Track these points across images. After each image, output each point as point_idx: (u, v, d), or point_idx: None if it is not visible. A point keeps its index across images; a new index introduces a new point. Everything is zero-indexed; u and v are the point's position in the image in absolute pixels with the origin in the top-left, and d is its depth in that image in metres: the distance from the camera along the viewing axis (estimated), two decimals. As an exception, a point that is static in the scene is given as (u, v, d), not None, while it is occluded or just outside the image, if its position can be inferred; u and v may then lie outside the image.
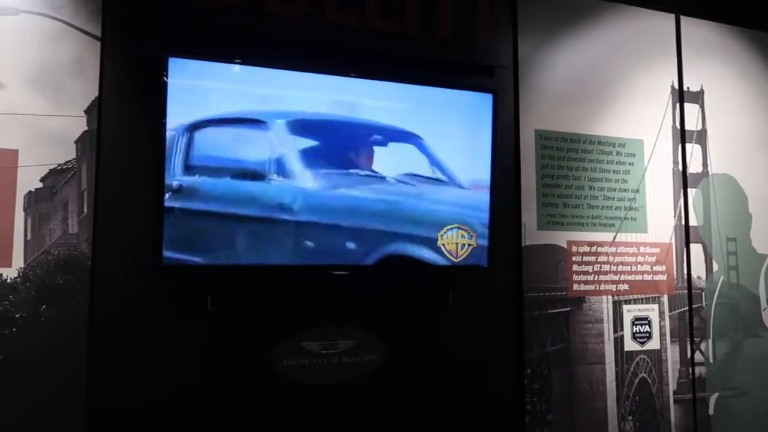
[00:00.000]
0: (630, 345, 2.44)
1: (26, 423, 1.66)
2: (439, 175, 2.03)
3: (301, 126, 1.87)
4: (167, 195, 1.74)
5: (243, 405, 1.90)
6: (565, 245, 2.37)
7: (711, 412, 2.56)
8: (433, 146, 2.02)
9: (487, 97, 2.13)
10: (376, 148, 1.96)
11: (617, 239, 2.46)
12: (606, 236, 2.44)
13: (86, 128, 1.79)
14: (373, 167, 1.95)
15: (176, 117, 1.74)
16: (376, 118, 1.96)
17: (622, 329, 2.44)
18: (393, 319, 2.09)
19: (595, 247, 2.42)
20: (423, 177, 2.01)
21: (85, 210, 1.78)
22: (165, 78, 1.74)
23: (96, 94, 1.80)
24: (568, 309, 2.36)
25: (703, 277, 2.62)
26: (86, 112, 1.79)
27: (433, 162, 2.03)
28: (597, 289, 2.41)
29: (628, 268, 2.46)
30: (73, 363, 1.72)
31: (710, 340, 2.60)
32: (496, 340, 2.24)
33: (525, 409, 2.25)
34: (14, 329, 1.68)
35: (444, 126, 2.06)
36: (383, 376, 2.06)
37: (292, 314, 1.97)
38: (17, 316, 1.69)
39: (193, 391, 1.85)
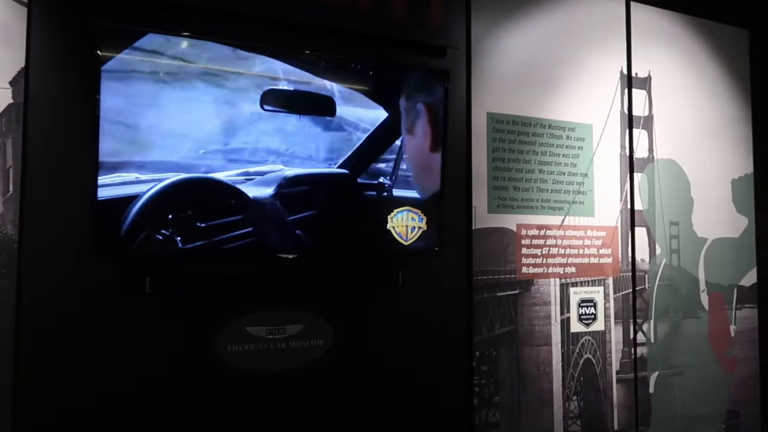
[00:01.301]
0: (576, 326, 2.49)
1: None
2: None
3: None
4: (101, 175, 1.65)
5: (186, 393, 1.84)
6: (514, 228, 2.38)
7: (651, 390, 2.65)
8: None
9: (438, 77, 2.10)
10: (328, 132, 1.90)
11: (565, 223, 2.49)
12: (555, 220, 2.47)
13: (12, 101, 1.67)
14: (324, 151, 1.90)
15: (111, 93, 1.65)
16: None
17: (568, 311, 2.48)
18: (342, 302, 2.06)
19: (544, 230, 2.44)
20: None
21: (11, 189, 1.67)
22: (98, 51, 1.63)
23: (23, 64, 1.68)
24: (517, 292, 2.38)
25: (647, 259, 2.69)
26: (12, 83, 1.67)
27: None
28: (545, 272, 2.43)
29: (575, 251, 2.50)
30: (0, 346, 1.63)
31: (652, 321, 2.68)
32: (446, 323, 2.24)
33: (473, 390, 2.27)
34: (-68, 316, 1.57)
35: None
36: (332, 360, 2.03)
37: (237, 297, 1.91)
38: (-65, 301, 1.58)
39: (131, 379, 1.77)
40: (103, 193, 1.65)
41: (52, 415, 1.68)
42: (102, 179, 1.65)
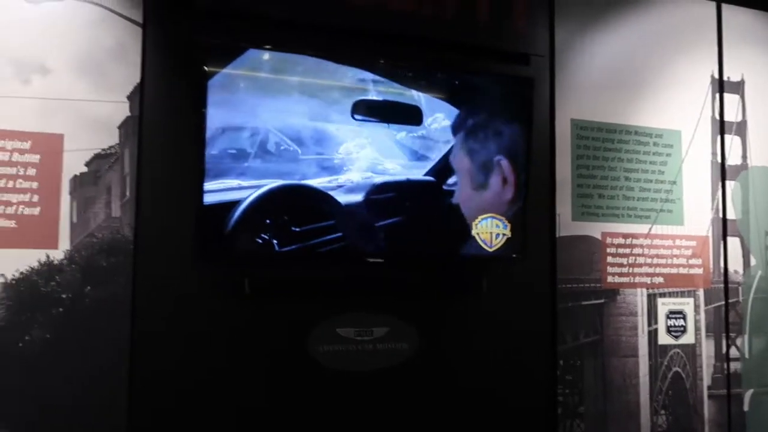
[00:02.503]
0: (664, 338, 2.42)
1: (71, 398, 1.71)
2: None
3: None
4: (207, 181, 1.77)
5: (279, 389, 1.93)
6: (599, 237, 2.35)
7: (746, 408, 2.53)
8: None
9: (522, 85, 2.12)
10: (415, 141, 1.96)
11: (653, 231, 2.43)
12: (641, 228, 2.41)
13: (129, 114, 1.82)
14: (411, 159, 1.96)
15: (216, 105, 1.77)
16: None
17: (656, 322, 2.41)
18: (427, 307, 2.10)
19: (630, 239, 2.39)
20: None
21: (128, 194, 1.82)
22: (205, 65, 1.76)
23: (138, 79, 1.83)
24: (602, 301, 2.34)
25: (741, 271, 2.58)
26: (129, 97, 1.82)
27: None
28: (631, 281, 2.38)
29: (663, 261, 2.43)
30: (117, 342, 1.77)
31: (746, 336, 2.56)
32: (529, 331, 2.23)
33: (557, 400, 2.24)
34: (60, 309, 1.73)
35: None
36: (416, 363, 2.07)
37: (328, 299, 1.99)
38: (63, 296, 1.73)
39: (231, 373, 1.88)
40: (208, 199, 1.77)
41: (161, 403, 1.80)
42: (207, 185, 1.77)
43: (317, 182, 1.87)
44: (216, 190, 1.78)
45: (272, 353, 1.93)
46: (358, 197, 1.91)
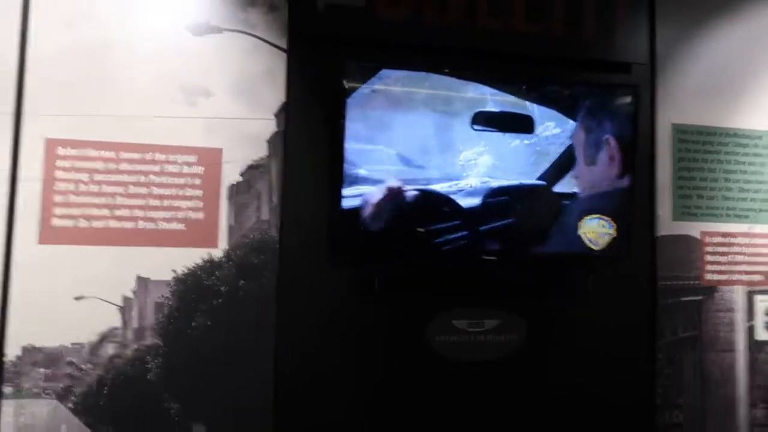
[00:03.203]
0: (762, 334, 2.49)
1: (227, 375, 1.98)
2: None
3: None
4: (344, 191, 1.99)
5: (400, 374, 2.14)
6: (698, 236, 2.44)
7: None
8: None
9: (626, 93, 2.24)
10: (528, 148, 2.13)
11: (752, 230, 2.49)
12: (740, 227, 2.49)
13: (276, 129, 2.06)
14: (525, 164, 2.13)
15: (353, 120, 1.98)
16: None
17: (754, 318, 2.48)
18: (535, 301, 2.26)
19: (729, 237, 2.47)
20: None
21: (275, 200, 2.06)
22: (344, 83, 1.98)
23: (283, 99, 2.07)
24: (701, 297, 2.44)
25: (842, 269, 2.61)
26: (276, 115, 2.06)
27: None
28: (730, 278, 2.46)
29: (762, 259, 2.50)
30: (264, 328, 2.02)
31: None
32: (631, 326, 2.36)
33: (656, 391, 2.36)
34: (220, 300, 1.99)
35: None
36: (524, 354, 2.24)
37: (445, 294, 2.18)
38: (222, 289, 2.00)
39: (360, 360, 2.11)
40: (344, 204, 1.99)
41: (301, 381, 2.05)
42: (344, 191, 1.99)
43: (439, 187, 2.06)
44: (351, 196, 2.00)
45: (395, 343, 2.14)
46: (476, 200, 2.09)
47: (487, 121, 2.08)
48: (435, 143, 2.05)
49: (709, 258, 2.45)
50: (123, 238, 1.93)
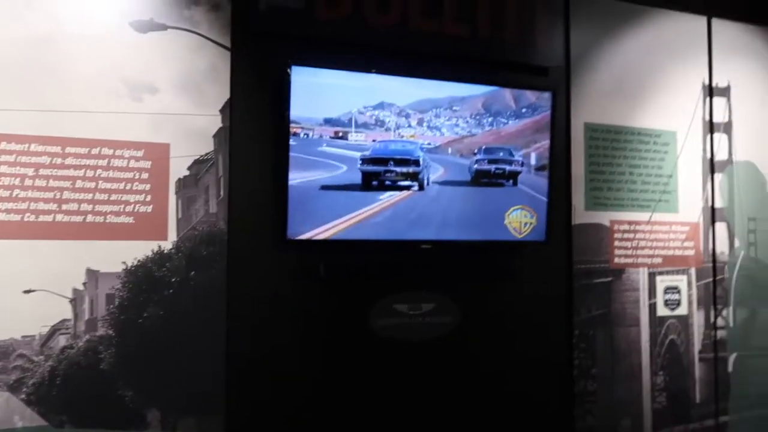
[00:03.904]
0: (662, 311, 2.82)
1: (179, 362, 2.05)
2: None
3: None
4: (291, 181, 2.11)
5: (344, 356, 2.30)
6: (608, 224, 2.73)
7: (730, 369, 2.95)
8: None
9: (543, 96, 2.48)
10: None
11: (652, 219, 2.82)
12: (643, 216, 2.80)
13: (221, 125, 2.15)
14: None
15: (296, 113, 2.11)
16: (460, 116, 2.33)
17: (655, 297, 2.81)
18: (466, 285, 2.47)
19: (634, 225, 2.78)
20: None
21: (222, 193, 2.15)
22: (288, 84, 2.09)
23: (228, 96, 2.16)
24: (610, 279, 2.73)
25: (726, 252, 2.99)
26: (221, 111, 2.15)
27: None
28: (635, 262, 2.78)
29: (661, 244, 2.83)
30: (216, 317, 2.11)
31: (731, 307, 2.98)
32: (551, 305, 2.62)
33: (573, 363, 2.64)
34: (171, 291, 2.07)
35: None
36: (457, 334, 2.45)
37: (387, 281, 2.35)
38: (172, 280, 2.07)
39: (307, 341, 2.24)
40: (291, 195, 2.11)
41: (251, 364, 2.16)
42: (291, 180, 2.11)
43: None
44: (297, 186, 2.13)
45: (341, 326, 2.29)
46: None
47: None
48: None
49: (617, 243, 2.75)
50: (71, 232, 1.96)
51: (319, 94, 2.15)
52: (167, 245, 2.07)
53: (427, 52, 2.40)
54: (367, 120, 2.24)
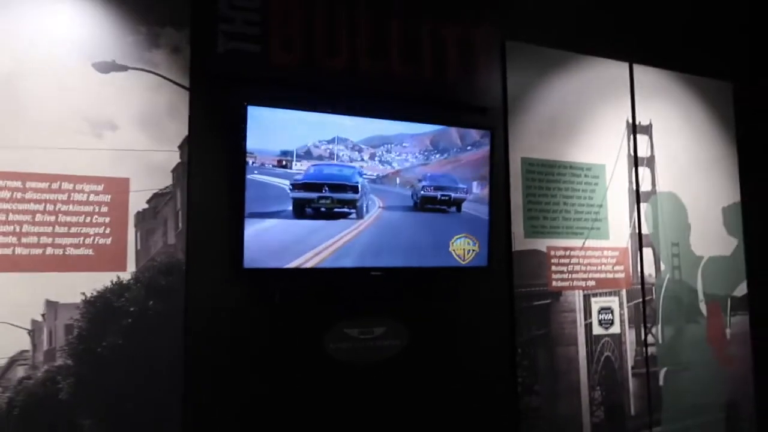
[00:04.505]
0: (597, 329, 3.03)
1: (138, 389, 2.11)
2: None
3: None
4: (246, 213, 2.23)
5: (300, 378, 2.39)
6: (545, 250, 2.94)
7: (661, 383, 3.18)
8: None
9: (485, 133, 2.69)
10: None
11: (586, 245, 3.05)
12: (577, 242, 3.03)
13: (179, 160, 2.26)
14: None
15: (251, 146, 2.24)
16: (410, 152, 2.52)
17: (590, 317, 3.02)
18: (415, 310, 2.62)
19: (569, 251, 3.00)
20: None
21: (180, 225, 2.25)
22: (245, 121, 2.23)
23: (186, 133, 2.27)
24: (549, 301, 2.93)
25: (653, 274, 3.24)
26: (179, 147, 2.26)
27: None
28: (571, 285, 2.99)
29: (594, 268, 3.06)
30: (174, 344, 2.18)
31: (659, 325, 3.22)
32: (494, 327, 2.79)
33: (517, 381, 2.80)
34: (130, 320, 2.13)
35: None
36: (407, 356, 2.58)
37: (339, 306, 2.47)
38: (131, 309, 2.14)
39: (263, 364, 2.33)
40: (246, 228, 2.23)
41: (210, 389, 2.23)
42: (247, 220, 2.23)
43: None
44: (253, 218, 2.25)
45: (295, 349, 2.39)
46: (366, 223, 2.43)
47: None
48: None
49: (554, 268, 2.96)
50: (30, 264, 2.02)
51: (274, 130, 2.29)
52: (126, 276, 2.14)
53: (375, 91, 2.59)
54: (321, 153, 2.38)
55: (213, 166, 2.32)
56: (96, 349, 2.08)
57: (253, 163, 2.24)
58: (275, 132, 2.30)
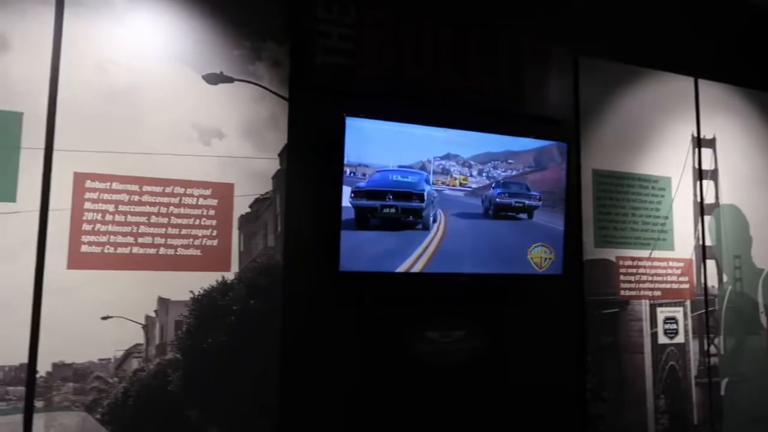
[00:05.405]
0: (662, 339, 3.09)
1: (243, 383, 2.22)
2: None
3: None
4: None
5: (385, 378, 2.49)
6: (614, 259, 3.02)
7: (722, 393, 3.22)
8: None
9: (562, 145, 2.78)
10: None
11: (652, 255, 3.11)
12: (644, 253, 3.10)
13: (279, 167, 2.38)
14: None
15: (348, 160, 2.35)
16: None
17: (656, 326, 3.08)
18: (494, 315, 2.71)
19: (636, 261, 3.07)
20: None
21: (279, 229, 2.36)
22: (343, 131, 2.34)
23: (285, 141, 2.39)
24: (617, 310, 3.00)
25: (716, 286, 3.29)
26: (279, 155, 2.38)
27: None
28: (638, 294, 3.06)
29: (660, 278, 3.12)
30: (272, 340, 2.29)
31: (721, 336, 3.27)
32: (566, 333, 2.87)
33: (586, 387, 2.87)
34: (233, 318, 2.25)
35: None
36: (483, 358, 2.67)
37: (421, 309, 2.57)
38: (234, 308, 2.25)
39: (352, 362, 2.43)
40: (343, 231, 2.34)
41: (303, 384, 2.34)
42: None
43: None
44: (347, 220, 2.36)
45: (381, 349, 2.49)
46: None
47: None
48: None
49: (622, 278, 3.03)
50: (145, 263, 2.14)
51: (372, 141, 2.40)
52: (230, 276, 2.26)
53: (454, 103, 2.69)
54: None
55: (309, 173, 2.43)
56: (202, 344, 2.20)
57: (351, 173, 2.35)
58: (373, 143, 2.38)
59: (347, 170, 2.35)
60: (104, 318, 2.07)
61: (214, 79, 2.30)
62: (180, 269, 2.19)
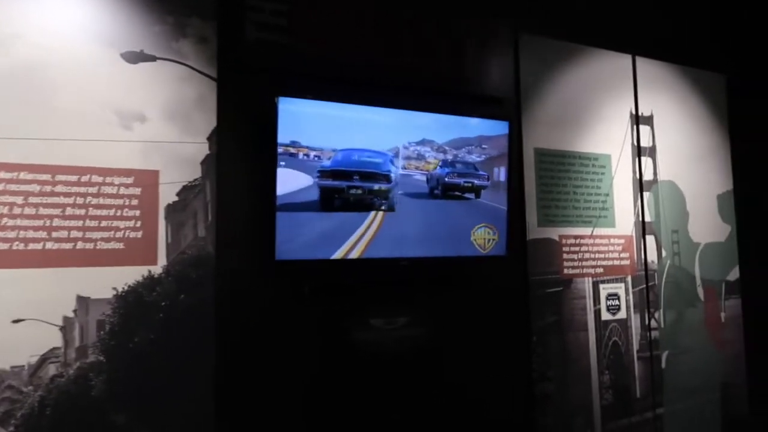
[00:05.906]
0: (605, 315, 3.12)
1: (170, 383, 2.09)
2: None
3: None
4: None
5: (328, 368, 2.40)
6: (557, 238, 3.01)
7: (663, 366, 3.30)
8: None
9: (503, 123, 2.73)
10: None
11: (594, 233, 3.13)
12: (586, 231, 3.11)
13: (208, 152, 2.23)
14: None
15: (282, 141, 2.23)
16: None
17: (599, 303, 3.11)
18: (436, 299, 2.65)
19: (579, 239, 3.08)
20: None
21: (209, 218, 2.22)
22: (276, 112, 2.21)
23: (215, 124, 2.24)
24: (561, 288, 3.00)
25: (655, 261, 3.35)
26: (208, 139, 2.23)
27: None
28: (581, 272, 3.07)
29: (602, 255, 3.14)
30: (205, 337, 2.16)
31: (661, 310, 3.33)
32: (510, 315, 2.85)
33: (532, 366, 2.87)
34: (161, 314, 2.10)
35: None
36: (430, 344, 2.61)
37: (363, 298, 2.49)
38: (163, 303, 2.11)
39: (293, 356, 2.33)
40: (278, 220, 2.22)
41: (240, 381, 2.22)
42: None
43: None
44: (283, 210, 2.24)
45: (323, 341, 2.40)
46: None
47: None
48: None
49: (565, 256, 3.03)
50: (61, 259, 1.97)
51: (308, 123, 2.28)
52: (157, 269, 2.11)
53: (391, 82, 2.60)
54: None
55: (241, 157, 2.29)
56: (128, 344, 2.05)
57: (290, 154, 2.23)
58: (309, 125, 2.27)
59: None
60: (15, 321, 1.89)
61: (133, 57, 2.12)
62: (101, 264, 2.03)
